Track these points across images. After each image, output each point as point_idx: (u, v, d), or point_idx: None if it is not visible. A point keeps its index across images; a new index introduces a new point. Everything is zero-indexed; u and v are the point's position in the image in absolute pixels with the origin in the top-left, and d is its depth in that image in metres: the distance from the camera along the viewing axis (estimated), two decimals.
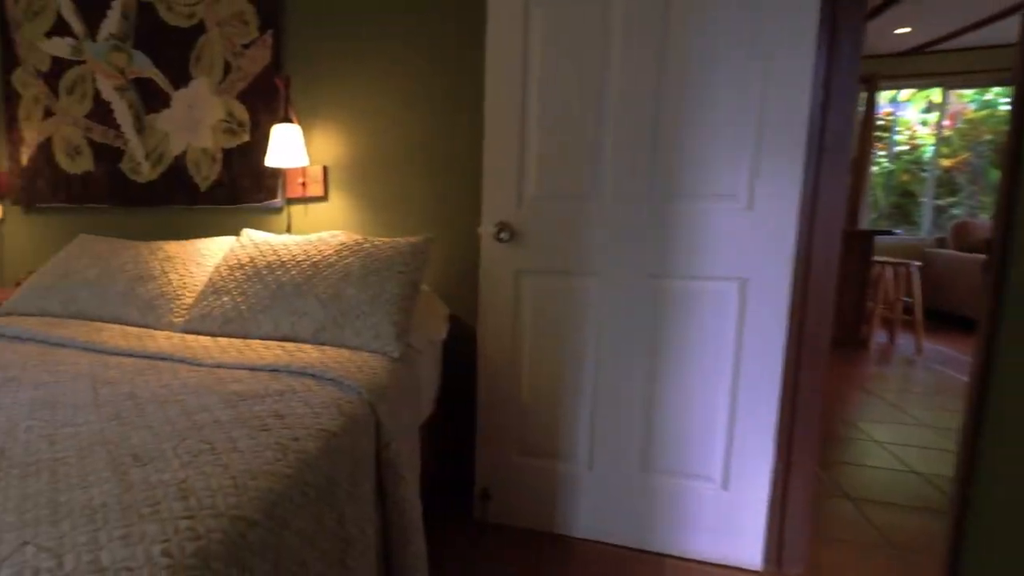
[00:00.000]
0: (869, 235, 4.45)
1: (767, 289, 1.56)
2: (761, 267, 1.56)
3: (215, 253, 2.02)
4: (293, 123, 2.08)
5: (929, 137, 6.37)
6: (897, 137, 6.54)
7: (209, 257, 1.99)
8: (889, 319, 4.65)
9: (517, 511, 1.86)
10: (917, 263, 4.48)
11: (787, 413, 1.63)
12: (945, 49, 5.51)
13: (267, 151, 2.16)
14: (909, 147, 6.57)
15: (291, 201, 2.31)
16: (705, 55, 1.55)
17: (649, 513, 1.73)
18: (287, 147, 2.05)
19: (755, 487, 1.63)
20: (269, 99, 2.25)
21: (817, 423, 1.63)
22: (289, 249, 1.79)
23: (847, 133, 1.54)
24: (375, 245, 1.77)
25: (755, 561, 1.65)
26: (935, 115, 6.29)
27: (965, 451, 1.15)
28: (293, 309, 1.63)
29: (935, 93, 6.20)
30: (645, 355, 1.69)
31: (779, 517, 1.66)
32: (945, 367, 3.98)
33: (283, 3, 2.22)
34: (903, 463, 2.41)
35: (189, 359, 1.44)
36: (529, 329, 1.80)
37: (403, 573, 1.30)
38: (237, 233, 2.30)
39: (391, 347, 1.53)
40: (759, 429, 1.61)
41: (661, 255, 1.64)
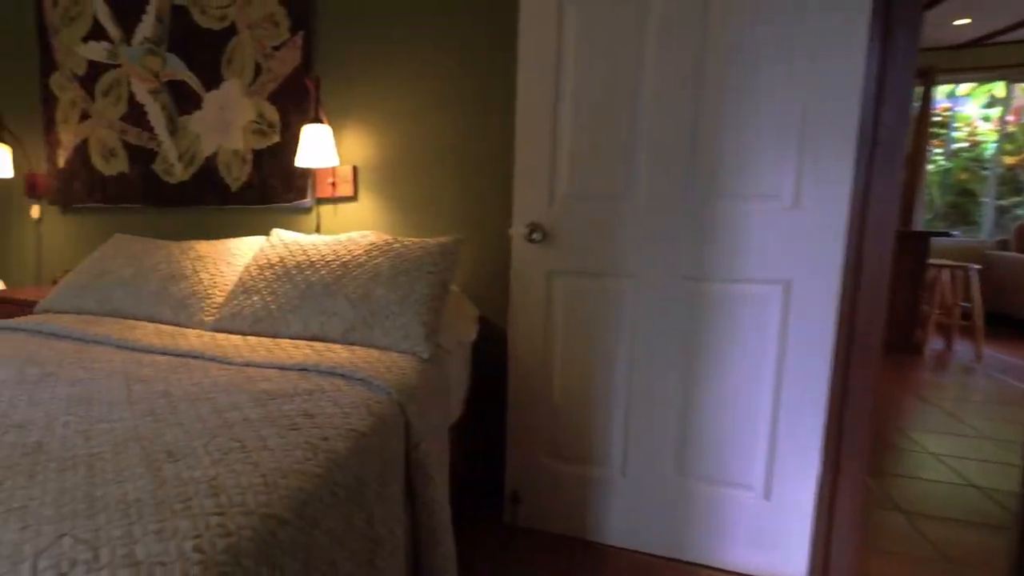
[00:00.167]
0: (924, 236, 4.26)
1: (814, 291, 1.50)
2: (807, 268, 1.50)
3: (245, 253, 2.03)
4: (323, 123, 2.08)
5: (991, 133, 6.04)
6: (955, 134, 6.21)
7: (239, 257, 2.00)
8: (946, 324, 4.45)
9: (548, 515, 1.82)
10: (976, 266, 4.26)
11: (835, 414, 1.55)
12: (1007, 41, 5.27)
13: (297, 151, 2.17)
14: (969, 144, 6.21)
15: (321, 201, 2.31)
16: (748, 57, 1.50)
17: (685, 521, 1.68)
18: (317, 147, 2.05)
19: (799, 495, 1.56)
20: (299, 100, 2.26)
21: (868, 426, 1.54)
22: (318, 249, 1.79)
23: (901, 129, 1.46)
24: (404, 245, 1.75)
25: (799, 573, 1.58)
26: (998, 110, 5.96)
27: None
28: (322, 309, 1.62)
29: (998, 87, 5.89)
30: (680, 357, 1.64)
31: (825, 527, 1.59)
32: (1006, 375, 3.77)
33: (314, 5, 2.23)
34: (960, 476, 2.27)
35: (220, 358, 1.45)
36: (561, 330, 1.76)
37: (432, 574, 1.29)
38: (267, 233, 2.31)
39: (420, 347, 1.51)
40: (804, 433, 1.54)
41: (698, 257, 1.59)
